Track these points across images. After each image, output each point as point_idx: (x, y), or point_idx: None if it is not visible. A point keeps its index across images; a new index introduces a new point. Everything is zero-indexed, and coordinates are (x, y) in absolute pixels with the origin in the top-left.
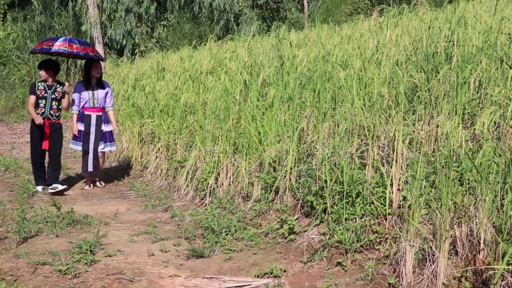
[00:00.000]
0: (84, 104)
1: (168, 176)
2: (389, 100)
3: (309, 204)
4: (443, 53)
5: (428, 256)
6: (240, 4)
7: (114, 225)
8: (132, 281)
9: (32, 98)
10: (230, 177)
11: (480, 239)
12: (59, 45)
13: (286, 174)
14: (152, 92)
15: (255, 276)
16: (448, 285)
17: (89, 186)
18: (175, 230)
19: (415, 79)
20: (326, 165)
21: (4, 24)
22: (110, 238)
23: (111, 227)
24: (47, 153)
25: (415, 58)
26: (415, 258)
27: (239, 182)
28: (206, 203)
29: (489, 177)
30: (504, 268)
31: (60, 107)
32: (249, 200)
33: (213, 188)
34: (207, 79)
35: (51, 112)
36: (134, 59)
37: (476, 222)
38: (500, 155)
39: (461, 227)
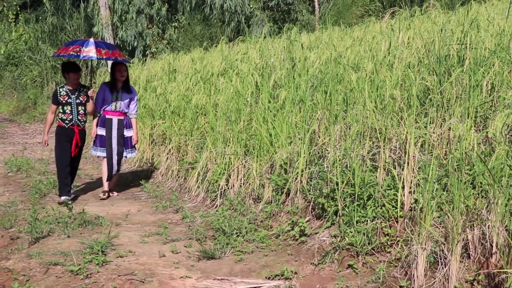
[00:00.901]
0: (106, 107)
1: (179, 177)
2: (401, 102)
3: (320, 206)
4: (455, 55)
5: (440, 259)
6: (251, 6)
7: (125, 226)
8: (143, 282)
9: (54, 108)
10: (241, 179)
11: (492, 243)
12: (87, 51)
13: (297, 176)
14: (163, 93)
15: (266, 278)
16: None
17: (104, 195)
18: (186, 231)
19: (427, 81)
20: (338, 167)
21: (16, 25)
22: (121, 239)
23: (122, 228)
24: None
25: (427, 60)
26: (426, 261)
27: (250, 183)
28: (217, 205)
29: (501, 180)
30: None
31: (86, 112)
32: (260, 201)
33: (224, 190)
34: (218, 80)
35: (79, 117)
36: (145, 60)
37: (489, 225)
38: None
39: (474, 230)
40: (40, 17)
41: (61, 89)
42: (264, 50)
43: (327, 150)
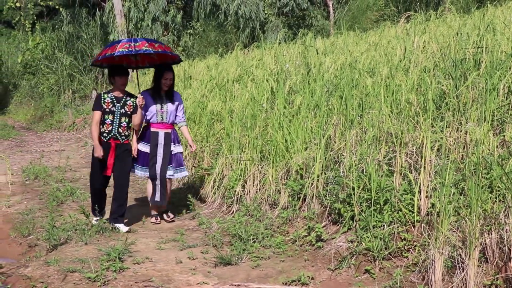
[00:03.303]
0: (150, 119)
1: (195, 183)
2: (417, 107)
3: (336, 211)
4: (471, 59)
5: (458, 263)
6: (265, 12)
7: (142, 233)
8: None
9: (97, 115)
10: (257, 185)
11: (510, 247)
12: (139, 46)
13: (313, 181)
14: None
15: (283, 283)
16: None
17: (156, 219)
18: (203, 237)
19: (443, 85)
20: (354, 172)
21: (33, 34)
22: (138, 245)
23: (139, 234)
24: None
25: (443, 64)
26: (444, 266)
27: (266, 189)
28: (233, 211)
29: None
30: None
31: (130, 124)
32: (276, 207)
33: (240, 196)
34: (233, 87)
35: (120, 130)
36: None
37: (507, 229)
38: None
39: (491, 234)
40: (57, 26)
41: (105, 95)
42: (279, 56)
43: (343, 155)
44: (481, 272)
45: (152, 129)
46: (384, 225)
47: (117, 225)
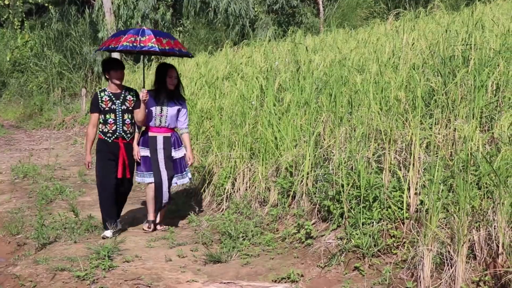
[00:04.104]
0: (149, 122)
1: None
2: (406, 104)
3: (326, 208)
4: (460, 56)
5: (446, 260)
6: (255, 10)
7: (131, 231)
8: (150, 286)
9: (95, 118)
10: (246, 182)
11: (498, 243)
12: (145, 41)
13: (303, 178)
14: None
15: (273, 281)
16: None
17: (149, 227)
18: (192, 235)
19: (432, 82)
20: (343, 169)
21: (21, 32)
22: (128, 244)
23: (129, 232)
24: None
25: (432, 61)
26: (433, 262)
27: (255, 187)
28: (223, 208)
29: (507, 180)
30: None
31: (133, 121)
32: (266, 205)
33: (230, 193)
34: (223, 84)
35: (125, 128)
36: (151, 65)
37: (495, 226)
38: None
39: (479, 231)
40: (46, 24)
41: (102, 94)
42: (269, 53)
43: (332, 153)
44: (469, 269)
45: (150, 134)
46: (373, 222)
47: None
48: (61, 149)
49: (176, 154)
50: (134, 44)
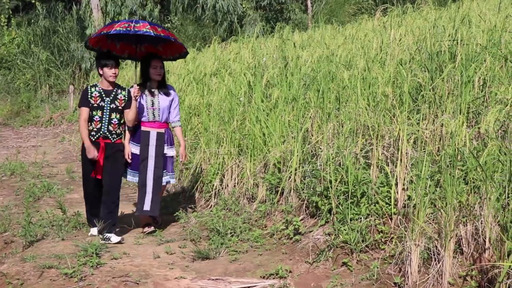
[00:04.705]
0: (141, 117)
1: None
2: (393, 99)
3: (314, 204)
4: (447, 52)
5: (434, 255)
6: (243, 6)
7: (119, 228)
8: (138, 283)
9: (85, 112)
10: (235, 179)
11: (485, 238)
12: (139, 27)
13: (291, 175)
14: None
15: (261, 277)
16: (453, 284)
17: (149, 227)
18: (181, 232)
19: (419, 78)
20: (331, 165)
21: (8, 29)
22: None
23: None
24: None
25: (419, 57)
26: (420, 257)
27: (244, 183)
28: (211, 205)
29: (494, 175)
30: (510, 266)
31: (122, 121)
32: (254, 201)
33: (218, 190)
34: (211, 81)
35: (110, 128)
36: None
37: (481, 221)
38: (505, 154)
39: (466, 226)
40: (32, 20)
41: (92, 89)
42: (257, 50)
43: (320, 149)
44: (457, 263)
45: (143, 128)
46: (361, 218)
47: (108, 234)
48: (49, 147)
49: (169, 151)
50: (128, 28)
